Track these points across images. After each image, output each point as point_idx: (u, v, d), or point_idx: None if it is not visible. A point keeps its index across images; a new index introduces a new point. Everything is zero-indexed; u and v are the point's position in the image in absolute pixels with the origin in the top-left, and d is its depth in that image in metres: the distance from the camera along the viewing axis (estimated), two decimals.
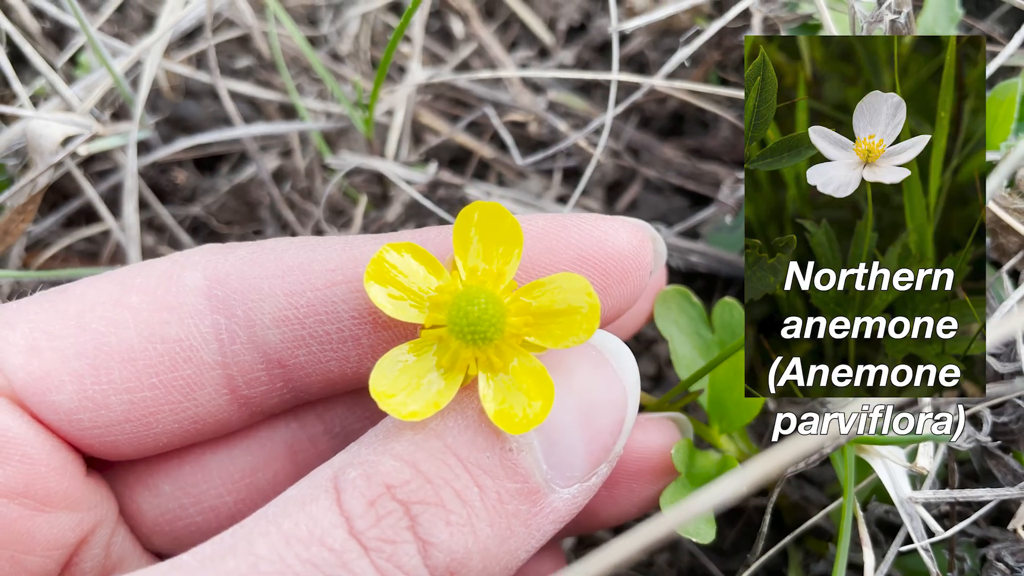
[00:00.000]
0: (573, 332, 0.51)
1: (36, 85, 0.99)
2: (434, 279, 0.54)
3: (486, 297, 0.51)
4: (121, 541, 0.62)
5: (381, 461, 0.49)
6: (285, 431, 0.65)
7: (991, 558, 0.67)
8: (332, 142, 1.04)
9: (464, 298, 0.51)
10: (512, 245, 0.53)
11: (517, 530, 0.51)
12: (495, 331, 0.50)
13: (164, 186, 1.06)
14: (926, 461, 0.65)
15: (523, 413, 0.50)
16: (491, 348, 0.51)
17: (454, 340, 0.51)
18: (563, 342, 0.52)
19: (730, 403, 0.69)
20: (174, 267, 0.58)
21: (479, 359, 0.52)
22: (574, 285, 0.51)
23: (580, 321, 0.51)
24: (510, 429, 0.50)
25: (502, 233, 0.53)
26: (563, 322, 0.52)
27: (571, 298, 0.51)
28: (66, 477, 0.56)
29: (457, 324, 0.51)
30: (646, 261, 0.59)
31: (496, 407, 0.51)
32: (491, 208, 0.52)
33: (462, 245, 0.53)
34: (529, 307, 0.52)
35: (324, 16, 1.17)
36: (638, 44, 1.12)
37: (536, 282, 0.53)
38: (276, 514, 0.48)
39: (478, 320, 0.50)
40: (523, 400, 0.50)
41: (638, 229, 0.59)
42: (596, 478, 0.55)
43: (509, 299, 0.52)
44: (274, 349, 0.57)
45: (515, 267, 0.53)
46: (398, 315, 0.53)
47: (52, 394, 0.55)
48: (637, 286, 0.59)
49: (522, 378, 0.51)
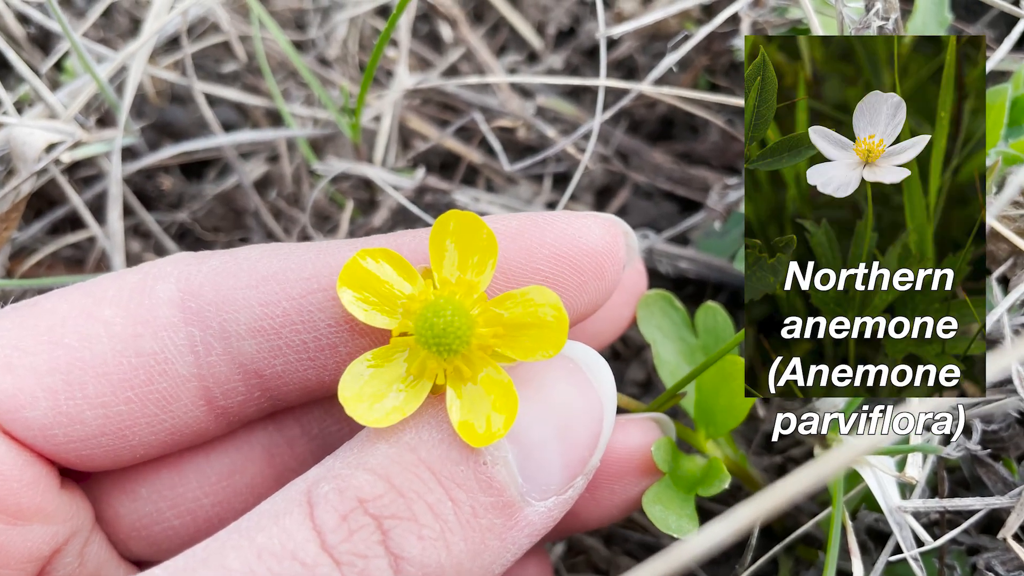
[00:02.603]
0: (542, 346, 0.51)
1: (20, 91, 0.98)
2: (408, 286, 0.53)
3: (453, 309, 0.50)
4: (96, 549, 0.61)
5: (354, 475, 0.49)
6: (262, 434, 0.64)
7: (981, 567, 0.67)
8: (319, 147, 1.04)
9: (432, 309, 0.51)
10: (487, 256, 0.53)
11: (491, 544, 0.50)
12: (460, 343, 0.50)
13: (150, 192, 1.05)
14: (915, 471, 0.65)
15: (486, 425, 0.50)
16: (459, 359, 0.51)
17: (422, 350, 0.51)
18: (532, 356, 0.51)
19: (716, 408, 0.69)
20: (146, 279, 0.57)
21: (447, 369, 0.51)
22: (544, 299, 0.51)
23: (548, 335, 0.51)
24: (472, 441, 0.50)
25: (477, 244, 0.53)
26: (532, 335, 0.52)
27: (540, 311, 0.51)
28: (39, 491, 0.56)
29: (423, 335, 0.50)
30: (619, 256, 0.59)
31: (460, 418, 0.50)
32: (468, 218, 0.52)
33: (437, 254, 0.53)
34: (500, 318, 0.52)
35: (312, 20, 1.16)
36: (627, 49, 1.11)
37: (508, 294, 0.52)
38: (249, 528, 0.48)
39: (443, 332, 0.50)
40: (488, 412, 0.50)
41: (610, 224, 0.59)
42: (572, 491, 0.54)
43: (479, 310, 0.52)
44: (250, 359, 0.57)
45: (489, 278, 0.53)
46: (370, 321, 0.53)
47: (25, 410, 0.54)
48: (611, 281, 0.59)
49: (489, 390, 0.51)
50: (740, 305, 0.96)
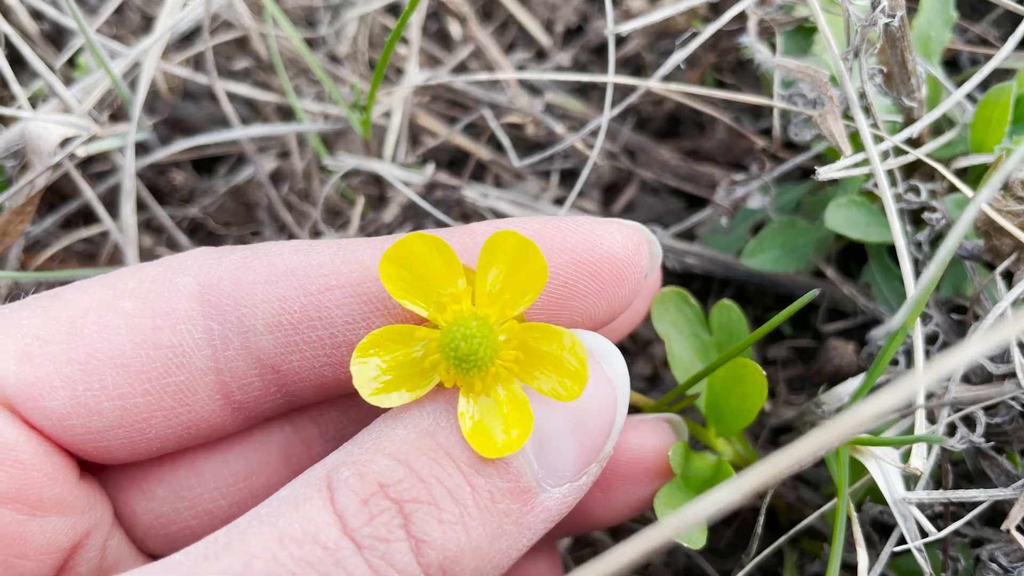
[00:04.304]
0: (556, 394, 0.52)
1: (34, 87, 0.99)
2: (448, 282, 0.53)
3: (481, 338, 0.50)
4: (117, 544, 0.61)
5: (374, 460, 0.49)
6: (279, 435, 0.65)
7: (985, 558, 0.67)
8: (329, 144, 1.05)
9: (462, 329, 0.51)
10: (534, 287, 0.52)
11: (509, 529, 0.51)
12: (479, 370, 0.51)
13: (162, 187, 1.06)
14: (920, 462, 0.65)
15: (503, 439, 0.50)
16: (475, 376, 0.51)
17: (442, 358, 0.52)
18: (546, 394, 0.52)
19: (728, 408, 0.69)
20: (167, 272, 0.58)
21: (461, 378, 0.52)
22: (571, 345, 0.51)
23: (566, 382, 0.52)
24: (484, 452, 0.50)
25: (526, 272, 0.52)
26: (550, 375, 0.52)
27: (565, 355, 0.51)
28: (58, 482, 0.56)
29: (446, 352, 0.51)
30: (641, 264, 0.59)
31: (472, 426, 0.51)
32: (524, 243, 0.51)
33: (484, 268, 0.52)
34: (525, 345, 0.52)
35: (322, 18, 1.17)
36: (635, 46, 1.12)
37: (540, 326, 0.52)
38: (270, 513, 0.48)
39: (466, 357, 0.50)
40: (501, 426, 0.51)
41: (634, 232, 0.59)
42: (586, 478, 0.55)
43: (507, 336, 0.52)
44: (267, 354, 0.57)
45: (526, 307, 0.52)
46: (401, 299, 0.52)
47: (44, 400, 0.55)
48: (632, 289, 0.59)
49: (504, 403, 0.52)
50: (747, 300, 0.97)
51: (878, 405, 0.33)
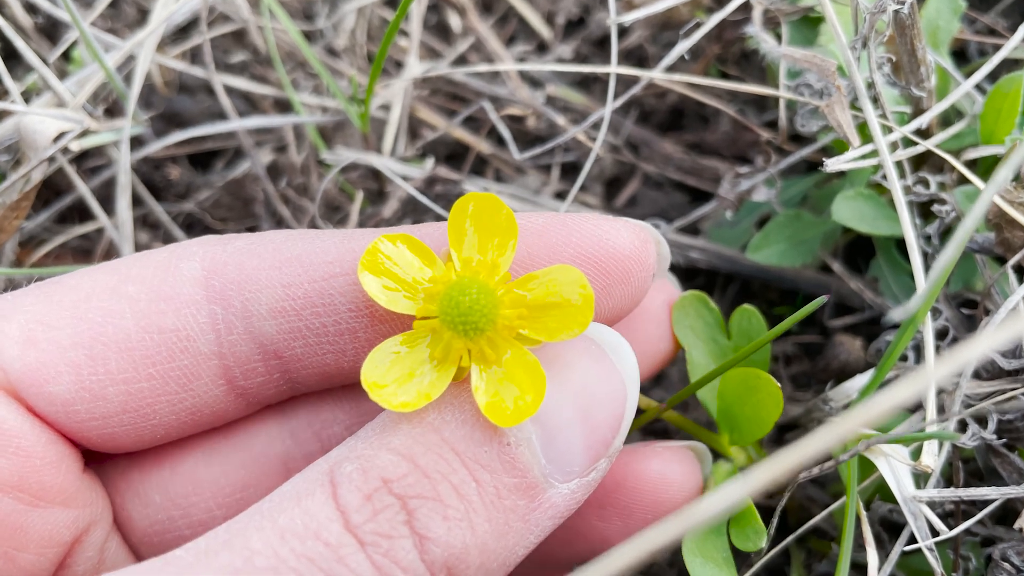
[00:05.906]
0: (567, 326, 0.50)
1: (28, 80, 0.98)
2: (428, 270, 0.53)
3: (478, 288, 0.50)
4: (115, 548, 0.61)
5: (378, 455, 0.48)
6: (280, 447, 0.64)
7: (996, 557, 0.66)
8: (328, 137, 1.03)
9: (456, 288, 0.50)
10: (507, 237, 0.52)
11: (515, 525, 0.50)
12: (487, 321, 0.50)
13: (158, 182, 1.05)
14: (930, 459, 0.64)
15: (514, 405, 0.49)
16: (484, 340, 0.50)
17: (446, 331, 0.50)
18: (558, 335, 0.51)
19: (742, 417, 0.67)
20: (172, 257, 0.58)
21: (472, 351, 0.51)
22: (569, 277, 0.50)
23: (574, 314, 0.50)
24: (500, 421, 0.49)
25: (497, 225, 0.52)
26: (557, 315, 0.51)
27: (565, 290, 0.50)
28: (61, 471, 0.56)
29: (449, 314, 0.50)
30: (648, 262, 0.58)
31: (487, 399, 0.50)
32: (487, 199, 0.52)
33: (457, 236, 0.53)
34: (523, 299, 0.51)
35: (320, 10, 1.16)
36: (637, 37, 1.11)
37: (531, 274, 0.52)
38: (271, 508, 0.47)
39: (469, 310, 0.49)
40: (515, 392, 0.50)
41: (640, 230, 0.58)
42: (595, 473, 0.54)
43: (503, 291, 0.51)
44: (271, 340, 0.57)
45: (510, 259, 0.52)
46: (391, 306, 0.52)
47: (49, 385, 0.54)
48: (639, 287, 0.58)
49: (515, 371, 0.50)
50: (751, 296, 0.96)
51: (888, 401, 0.32)
